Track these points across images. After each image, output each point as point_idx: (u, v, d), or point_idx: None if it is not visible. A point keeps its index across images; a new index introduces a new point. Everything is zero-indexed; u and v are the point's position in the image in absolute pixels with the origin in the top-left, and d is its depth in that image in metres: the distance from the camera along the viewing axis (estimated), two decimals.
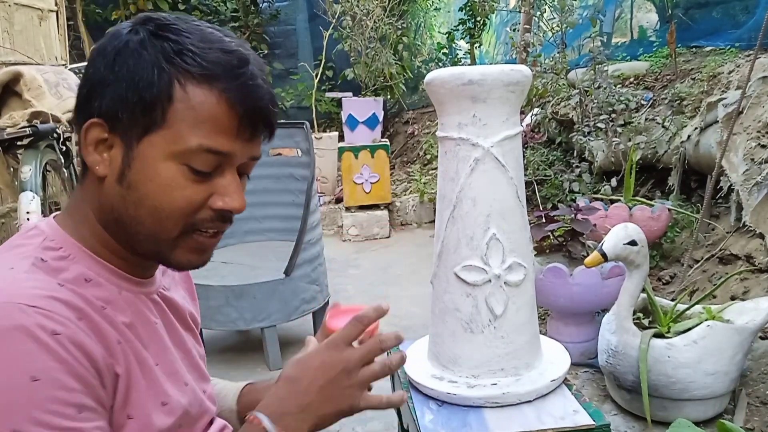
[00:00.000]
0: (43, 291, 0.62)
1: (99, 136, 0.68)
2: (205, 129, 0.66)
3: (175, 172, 0.67)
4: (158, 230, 0.69)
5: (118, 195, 0.68)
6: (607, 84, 3.54)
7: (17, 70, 2.40)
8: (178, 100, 0.66)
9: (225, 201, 0.70)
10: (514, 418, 1.28)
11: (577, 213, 2.52)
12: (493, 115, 1.32)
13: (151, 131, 0.66)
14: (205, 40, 0.67)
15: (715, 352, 1.81)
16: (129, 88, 0.66)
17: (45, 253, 0.67)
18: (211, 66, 0.66)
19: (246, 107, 0.68)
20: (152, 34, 0.67)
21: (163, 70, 0.65)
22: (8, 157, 2.38)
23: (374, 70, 5.62)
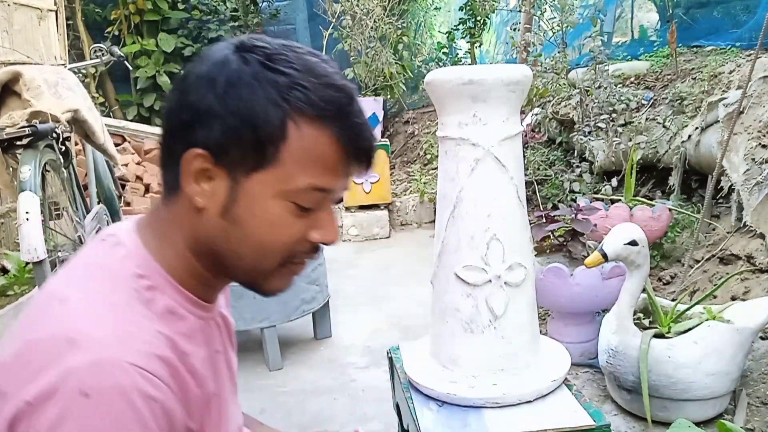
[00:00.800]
0: (146, 346, 0.61)
1: (201, 167, 0.66)
2: (315, 168, 0.66)
3: (283, 209, 0.67)
4: (259, 264, 0.70)
5: (220, 228, 0.68)
6: (607, 84, 3.53)
7: (16, 70, 2.39)
8: (292, 138, 0.64)
9: (322, 235, 0.71)
10: (515, 418, 1.28)
11: (577, 213, 2.51)
12: (493, 114, 1.31)
13: (262, 168, 0.65)
14: (314, 74, 0.66)
15: (716, 353, 1.81)
16: (242, 124, 0.64)
17: (137, 281, 0.66)
18: (324, 105, 0.65)
19: (355, 146, 0.68)
20: (263, 65, 0.65)
21: (278, 107, 0.64)
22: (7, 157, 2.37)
23: (374, 69, 5.61)
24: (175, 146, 0.67)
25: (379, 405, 2.11)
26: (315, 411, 2.13)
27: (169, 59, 6.51)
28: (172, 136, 0.68)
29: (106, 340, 0.59)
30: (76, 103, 2.55)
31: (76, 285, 0.66)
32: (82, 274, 0.67)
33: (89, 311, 0.62)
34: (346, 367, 2.45)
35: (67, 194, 2.64)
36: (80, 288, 0.65)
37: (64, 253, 2.50)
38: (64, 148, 2.65)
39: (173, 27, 6.58)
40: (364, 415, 2.11)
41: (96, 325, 0.60)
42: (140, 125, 5.63)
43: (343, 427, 2.05)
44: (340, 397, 2.24)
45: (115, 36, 6.45)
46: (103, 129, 2.81)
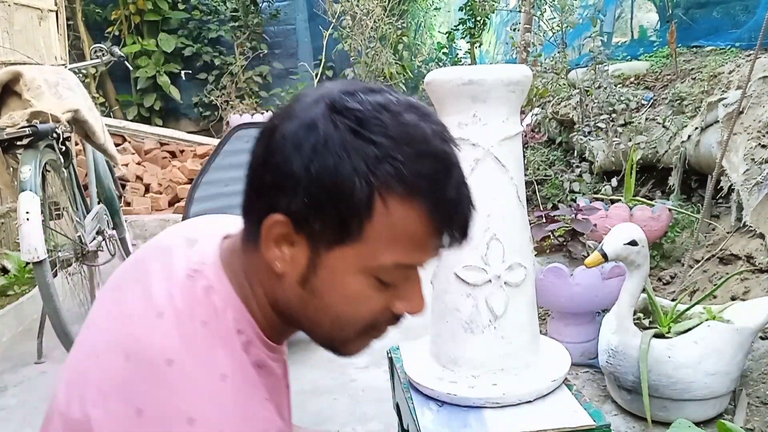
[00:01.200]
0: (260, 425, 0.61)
1: (282, 232, 0.63)
2: (402, 246, 0.62)
3: (364, 285, 0.64)
4: (336, 334, 0.68)
5: (298, 296, 0.66)
6: (607, 84, 3.53)
7: (17, 70, 2.40)
8: (378, 214, 0.60)
9: (407, 306, 0.68)
10: (515, 418, 1.28)
11: (577, 213, 2.51)
12: (493, 115, 1.31)
13: (344, 243, 0.62)
14: (409, 141, 0.61)
15: (716, 353, 1.81)
16: (325, 195, 0.60)
17: (238, 338, 0.64)
18: (416, 180, 0.60)
19: (448, 222, 0.64)
20: (353, 132, 0.60)
21: (365, 181, 0.59)
22: (8, 157, 2.38)
23: (374, 69, 5.62)
24: (257, 203, 0.65)
25: (379, 405, 2.11)
26: (315, 411, 2.13)
27: (169, 59, 6.52)
28: (255, 192, 0.66)
29: (230, 425, 0.59)
30: (76, 103, 2.55)
31: (178, 342, 0.62)
32: (183, 327, 0.63)
33: (201, 384, 0.60)
34: (346, 367, 2.45)
35: (67, 194, 2.64)
36: (184, 348, 0.61)
37: (64, 253, 2.50)
38: (64, 148, 2.66)
39: (173, 27, 6.59)
40: (364, 415, 2.11)
41: (215, 406, 0.59)
42: (140, 125, 5.63)
43: (343, 427, 2.05)
44: (340, 397, 2.24)
45: (115, 36, 6.45)
46: (104, 129, 2.81)
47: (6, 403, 2.28)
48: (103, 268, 2.92)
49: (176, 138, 5.34)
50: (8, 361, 2.59)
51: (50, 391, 2.33)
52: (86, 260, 2.67)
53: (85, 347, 0.68)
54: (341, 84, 0.66)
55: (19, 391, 2.36)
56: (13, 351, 2.69)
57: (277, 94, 6.59)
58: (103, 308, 0.71)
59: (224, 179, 2.45)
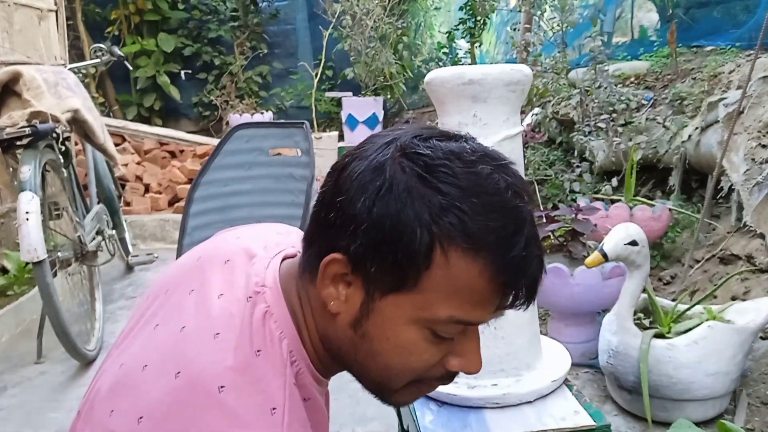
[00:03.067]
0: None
1: (339, 272, 0.62)
2: (459, 300, 0.59)
3: (417, 336, 0.61)
4: (385, 383, 0.67)
5: (349, 339, 0.64)
6: (607, 84, 3.53)
7: (16, 70, 2.39)
8: (437, 266, 0.58)
9: (462, 363, 0.65)
10: (515, 418, 1.28)
11: (577, 213, 2.51)
12: (493, 114, 1.31)
13: (399, 291, 0.60)
14: (478, 192, 0.58)
15: (716, 353, 1.81)
16: (384, 240, 0.58)
17: (291, 374, 0.63)
18: (480, 234, 0.58)
19: (513, 281, 0.60)
20: (420, 178, 0.58)
21: (426, 230, 0.57)
22: (7, 157, 2.37)
23: (374, 69, 5.61)
24: (320, 238, 0.64)
25: (379, 405, 2.09)
26: None
27: (169, 59, 6.51)
28: (319, 226, 0.64)
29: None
30: (76, 103, 2.55)
31: (230, 369, 0.60)
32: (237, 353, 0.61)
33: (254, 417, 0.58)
34: None
35: (67, 194, 2.64)
36: (237, 376, 0.60)
37: (63, 253, 2.50)
38: (64, 148, 2.66)
39: (173, 27, 6.58)
40: (364, 415, 2.11)
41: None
42: (140, 125, 5.63)
43: (343, 427, 2.05)
44: (340, 397, 2.24)
45: (115, 36, 6.45)
46: (103, 129, 2.81)
47: (6, 403, 2.28)
48: (102, 267, 2.92)
49: (176, 138, 5.34)
50: (8, 361, 2.59)
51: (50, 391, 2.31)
52: (86, 260, 2.66)
53: (136, 353, 0.66)
54: (417, 128, 0.64)
55: (19, 391, 2.36)
56: (13, 351, 2.69)
57: (277, 93, 6.58)
58: (158, 313, 0.69)
59: (224, 179, 2.44)
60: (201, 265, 0.71)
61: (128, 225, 3.67)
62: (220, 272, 0.68)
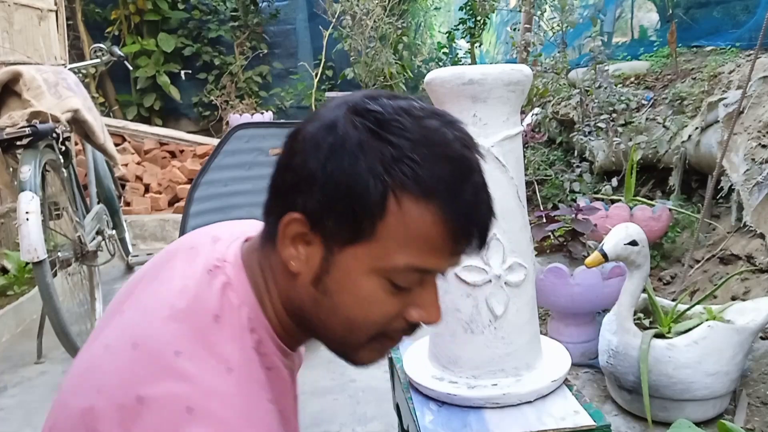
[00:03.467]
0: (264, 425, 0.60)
1: (298, 231, 0.63)
2: (415, 248, 0.61)
3: (376, 287, 0.63)
4: (348, 338, 0.67)
5: (311, 297, 0.65)
6: (607, 84, 3.53)
7: (16, 70, 2.40)
8: (392, 214, 0.60)
9: (421, 314, 0.67)
10: (515, 418, 1.28)
11: (577, 213, 2.51)
12: (493, 114, 1.31)
13: (357, 242, 0.61)
14: (428, 144, 0.61)
15: (716, 353, 1.81)
16: (339, 194, 0.60)
17: (251, 340, 0.64)
18: (432, 182, 0.60)
19: (464, 227, 0.62)
20: (372, 132, 0.61)
21: (379, 180, 0.60)
22: (8, 157, 2.37)
23: (374, 69, 5.62)
24: (277, 203, 0.66)
25: (379, 405, 2.11)
26: (315, 411, 2.13)
27: (169, 59, 6.52)
28: (276, 193, 0.66)
29: (227, 418, 0.58)
30: (76, 103, 2.55)
31: (187, 335, 0.62)
32: (194, 320, 0.63)
33: (206, 375, 0.60)
34: (346, 368, 2.43)
35: (67, 194, 2.64)
36: (193, 341, 0.62)
37: (63, 253, 2.50)
38: (64, 148, 2.66)
39: (173, 27, 6.59)
40: (364, 415, 2.11)
41: (216, 397, 0.59)
42: (140, 125, 5.63)
43: (343, 427, 2.05)
44: (340, 398, 2.24)
45: (115, 36, 6.46)
46: (103, 129, 2.81)
47: (6, 403, 2.28)
48: (102, 267, 2.92)
49: (176, 138, 5.34)
50: (8, 361, 2.59)
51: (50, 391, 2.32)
52: (86, 260, 2.66)
53: (99, 339, 0.69)
54: (366, 91, 0.67)
55: (19, 391, 2.36)
56: (13, 351, 2.69)
57: (277, 93, 6.59)
58: (125, 301, 0.72)
59: (224, 179, 2.44)
60: (169, 254, 0.74)
61: (128, 225, 3.67)
62: (184, 257, 0.71)
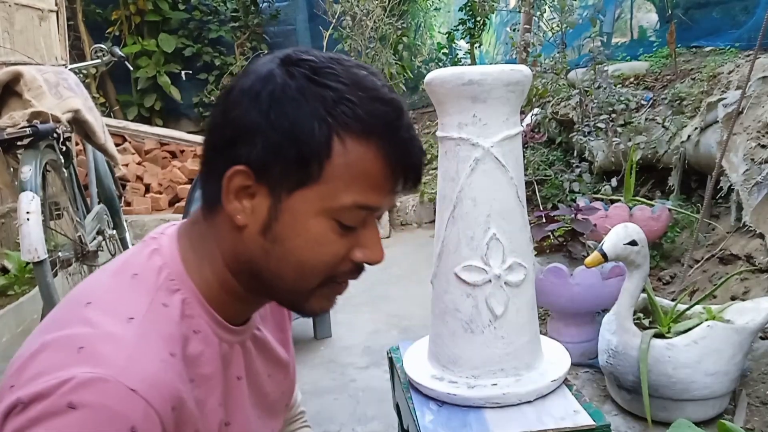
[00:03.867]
0: (154, 373, 0.59)
1: (243, 184, 0.64)
2: (360, 185, 0.64)
3: (325, 228, 0.65)
4: (299, 285, 0.68)
5: (260, 248, 0.66)
6: (607, 84, 3.54)
7: (17, 70, 2.40)
8: (337, 154, 0.62)
9: (366, 254, 0.68)
10: (515, 418, 1.28)
11: (577, 213, 2.52)
12: (493, 115, 1.32)
13: (305, 186, 0.63)
14: (362, 87, 0.64)
15: (716, 353, 1.81)
16: (285, 140, 0.62)
17: (166, 296, 0.65)
18: (371, 120, 0.63)
19: (402, 163, 0.66)
20: (309, 79, 0.63)
21: (323, 123, 0.62)
22: (8, 157, 2.37)
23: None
24: (216, 162, 0.66)
25: (379, 405, 2.12)
26: (315, 411, 2.13)
27: (169, 60, 6.52)
28: (214, 152, 0.67)
29: (114, 358, 0.58)
30: (76, 103, 2.55)
31: (103, 287, 0.66)
32: (115, 278, 0.67)
33: (107, 321, 0.61)
34: (346, 368, 2.45)
35: (67, 194, 2.64)
36: (106, 293, 0.65)
37: (64, 253, 2.50)
38: (64, 148, 2.66)
39: (174, 27, 6.59)
40: (364, 415, 2.11)
41: (109, 338, 0.59)
42: (141, 125, 5.63)
43: (343, 427, 2.06)
44: (340, 397, 2.24)
45: (115, 36, 6.45)
46: (104, 129, 2.81)
47: None
48: None
49: (176, 138, 5.35)
50: (8, 361, 2.59)
51: None
52: (86, 260, 2.66)
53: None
54: (291, 48, 0.69)
55: None
56: (13, 351, 2.66)
57: None
58: None
59: None
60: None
61: (129, 225, 3.67)
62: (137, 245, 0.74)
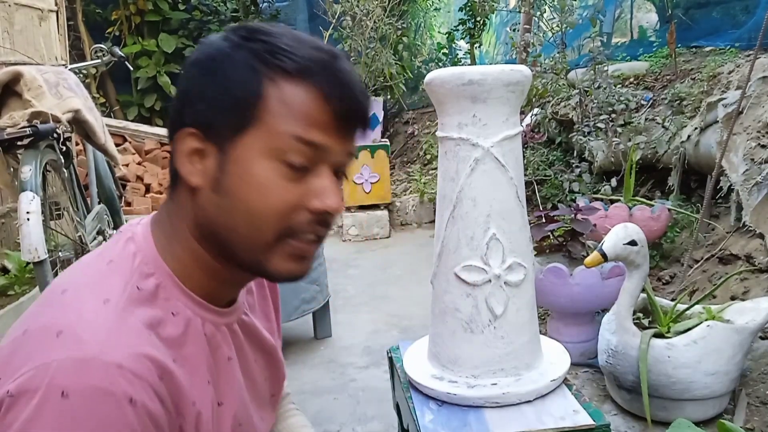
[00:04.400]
0: (132, 345, 0.60)
1: (193, 146, 0.66)
2: (299, 122, 0.64)
3: (270, 170, 0.64)
4: (253, 236, 0.66)
5: (214, 204, 0.66)
6: (607, 84, 3.54)
7: (17, 70, 2.40)
8: (270, 96, 0.64)
9: (322, 201, 0.66)
10: (514, 418, 1.28)
11: (577, 213, 2.52)
12: (493, 115, 1.32)
13: (245, 131, 0.64)
14: (298, 40, 0.66)
15: (715, 352, 1.81)
16: (221, 92, 0.65)
17: (140, 280, 0.66)
18: (303, 61, 0.65)
19: (339, 100, 0.66)
20: (244, 38, 0.66)
21: (254, 70, 0.64)
22: (8, 157, 2.37)
23: (374, 70, 5.61)
24: (172, 132, 0.68)
25: (379, 405, 2.12)
26: (315, 411, 2.13)
27: (169, 60, 6.52)
28: (171, 125, 0.69)
29: (92, 338, 0.58)
30: (76, 103, 2.55)
31: (79, 276, 0.67)
32: (90, 266, 0.68)
33: (83, 305, 0.62)
34: (346, 367, 2.45)
35: (67, 194, 2.64)
36: (82, 279, 0.66)
37: (64, 253, 2.50)
38: (64, 148, 2.66)
39: (174, 27, 6.59)
40: (364, 415, 2.12)
41: (85, 320, 0.60)
42: (141, 125, 5.64)
43: (343, 427, 2.06)
44: (340, 397, 2.24)
45: (115, 36, 6.46)
46: (104, 129, 2.82)
47: None
48: None
49: None
50: None
51: None
52: None
53: None
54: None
55: None
56: None
57: None
58: None
59: None
60: None
61: None
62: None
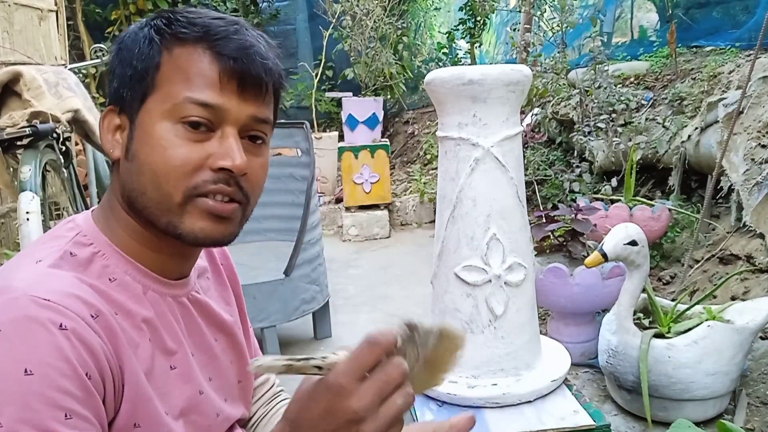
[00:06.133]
0: (61, 287, 0.62)
1: (113, 122, 0.71)
2: (191, 83, 0.68)
3: (169, 131, 0.68)
4: (162, 197, 0.68)
5: (127, 171, 0.70)
6: (607, 84, 3.54)
7: (17, 70, 2.39)
8: (166, 63, 0.68)
9: (221, 159, 0.68)
10: (515, 418, 1.28)
11: (577, 213, 2.52)
12: (493, 114, 1.32)
13: (146, 99, 0.69)
14: (201, 14, 0.70)
15: (716, 353, 1.81)
16: (127, 68, 0.70)
17: (75, 247, 0.69)
18: (198, 28, 0.69)
19: (233, 61, 0.68)
20: (152, 18, 0.71)
21: (153, 41, 0.69)
22: (8, 157, 2.37)
23: (374, 69, 5.61)
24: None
25: None
26: None
27: None
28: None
29: (21, 284, 0.61)
30: (76, 103, 2.55)
31: (27, 251, 0.70)
32: (32, 245, 0.71)
33: (18, 266, 0.66)
34: None
35: (67, 194, 2.64)
36: (21, 253, 0.70)
37: None
38: (64, 148, 2.65)
39: None
40: None
41: (18, 278, 0.63)
42: None
43: None
44: None
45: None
46: None
47: None
48: None
49: None
50: None
51: None
52: None
53: None
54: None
55: None
56: None
57: None
58: None
59: None
60: None
61: None
62: None
